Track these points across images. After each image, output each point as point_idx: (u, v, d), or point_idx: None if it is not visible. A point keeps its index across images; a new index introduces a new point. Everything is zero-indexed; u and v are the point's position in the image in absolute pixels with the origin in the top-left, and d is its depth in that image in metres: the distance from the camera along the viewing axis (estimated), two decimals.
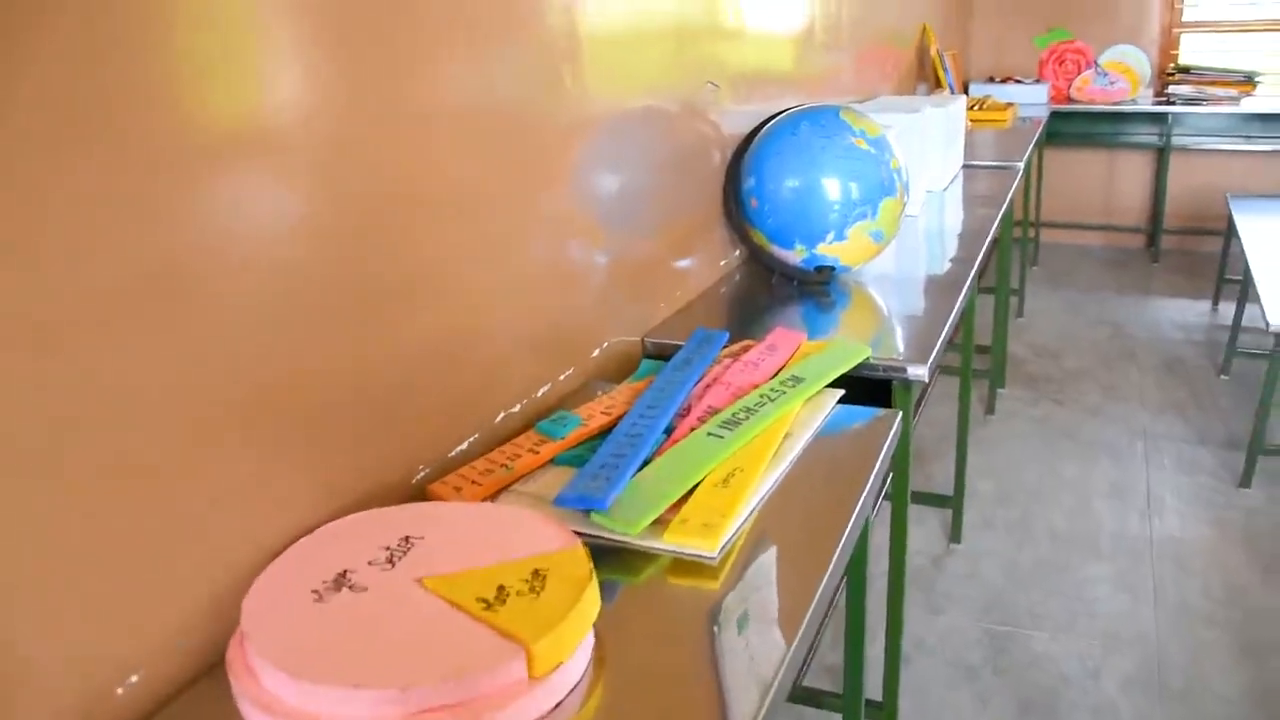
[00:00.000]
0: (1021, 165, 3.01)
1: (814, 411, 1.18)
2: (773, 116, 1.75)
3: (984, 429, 3.03)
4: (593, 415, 1.16)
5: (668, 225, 1.61)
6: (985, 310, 3.49)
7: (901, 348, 1.43)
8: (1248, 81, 4.66)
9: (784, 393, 1.17)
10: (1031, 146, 3.37)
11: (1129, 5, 4.91)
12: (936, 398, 3.24)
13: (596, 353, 1.39)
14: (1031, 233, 4.84)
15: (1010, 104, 4.26)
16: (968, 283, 1.75)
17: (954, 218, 2.28)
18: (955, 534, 2.41)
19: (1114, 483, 2.66)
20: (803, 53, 2.31)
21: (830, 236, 1.63)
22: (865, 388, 1.40)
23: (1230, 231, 3.74)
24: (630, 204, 1.47)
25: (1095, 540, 2.41)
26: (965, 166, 2.96)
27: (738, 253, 1.85)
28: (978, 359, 3.38)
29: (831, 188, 1.60)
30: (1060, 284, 4.52)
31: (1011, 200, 2.84)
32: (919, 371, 1.36)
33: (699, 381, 1.24)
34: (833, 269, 1.69)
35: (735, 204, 1.74)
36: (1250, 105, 4.56)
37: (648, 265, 1.54)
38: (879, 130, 1.65)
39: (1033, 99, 4.71)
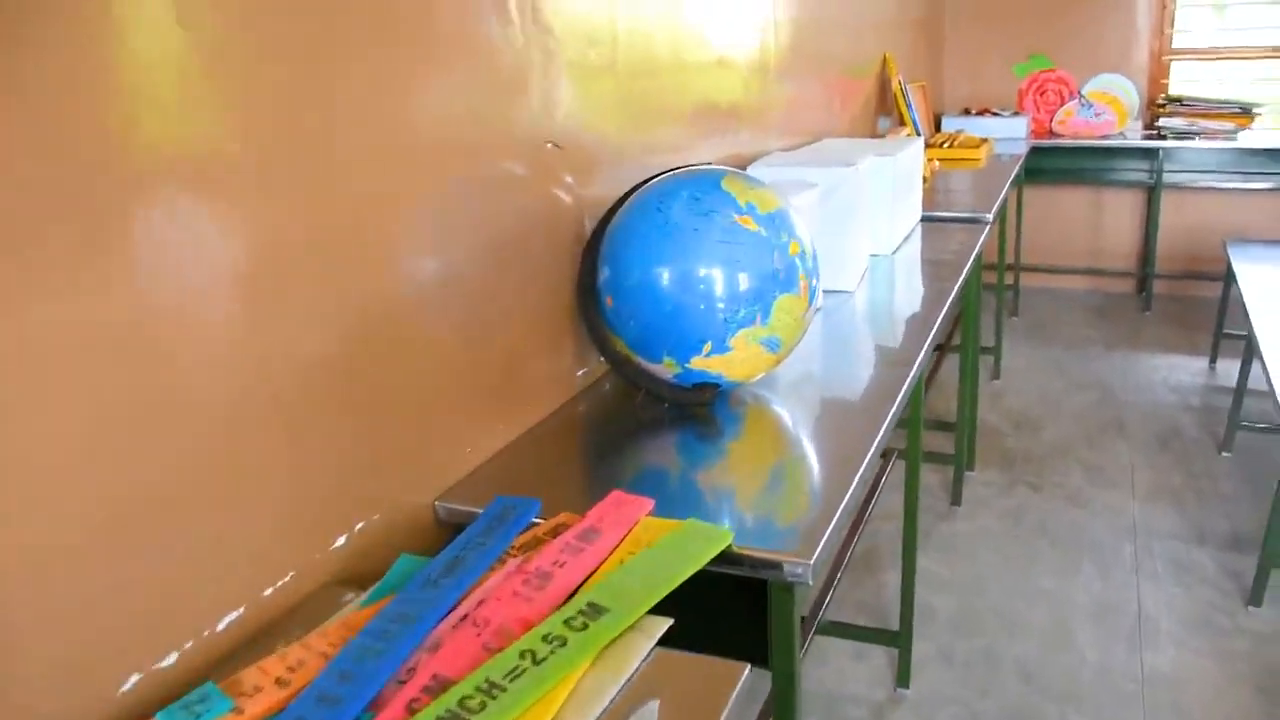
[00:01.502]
0: (991, 216, 2.62)
1: (613, 666, 0.77)
2: (641, 185, 1.35)
3: (947, 524, 2.62)
4: (261, 688, 0.75)
5: (493, 330, 1.21)
6: (952, 373, 3.09)
7: (793, 520, 1.02)
8: (1245, 114, 4.30)
9: (563, 643, 0.76)
10: (1005, 191, 2.98)
11: (1115, 31, 4.55)
12: (895, 483, 2.83)
13: (341, 541, 0.98)
14: (1010, 278, 4.45)
15: (985, 140, 3.89)
16: (899, 398, 1.34)
17: (903, 291, 1.88)
18: (903, 676, 2.00)
19: (1098, 599, 2.25)
20: (728, 87, 1.92)
21: (707, 348, 1.23)
22: (735, 584, 1.00)
23: (1229, 280, 3.36)
24: (435, 301, 1.07)
25: (1075, 680, 2.00)
26: (926, 219, 2.57)
27: (602, 358, 1.45)
28: (941, 437, 2.99)
29: (706, 283, 1.20)
30: (1042, 338, 4.13)
31: (978, 261, 2.45)
32: (797, 570, 0.95)
33: (454, 607, 0.83)
34: (716, 387, 1.29)
35: (591, 300, 1.34)
36: (1248, 139, 4.20)
37: (455, 388, 1.13)
38: (775, 203, 1.25)
39: (1011, 133, 4.34)
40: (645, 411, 1.34)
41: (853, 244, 1.82)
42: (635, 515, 1.01)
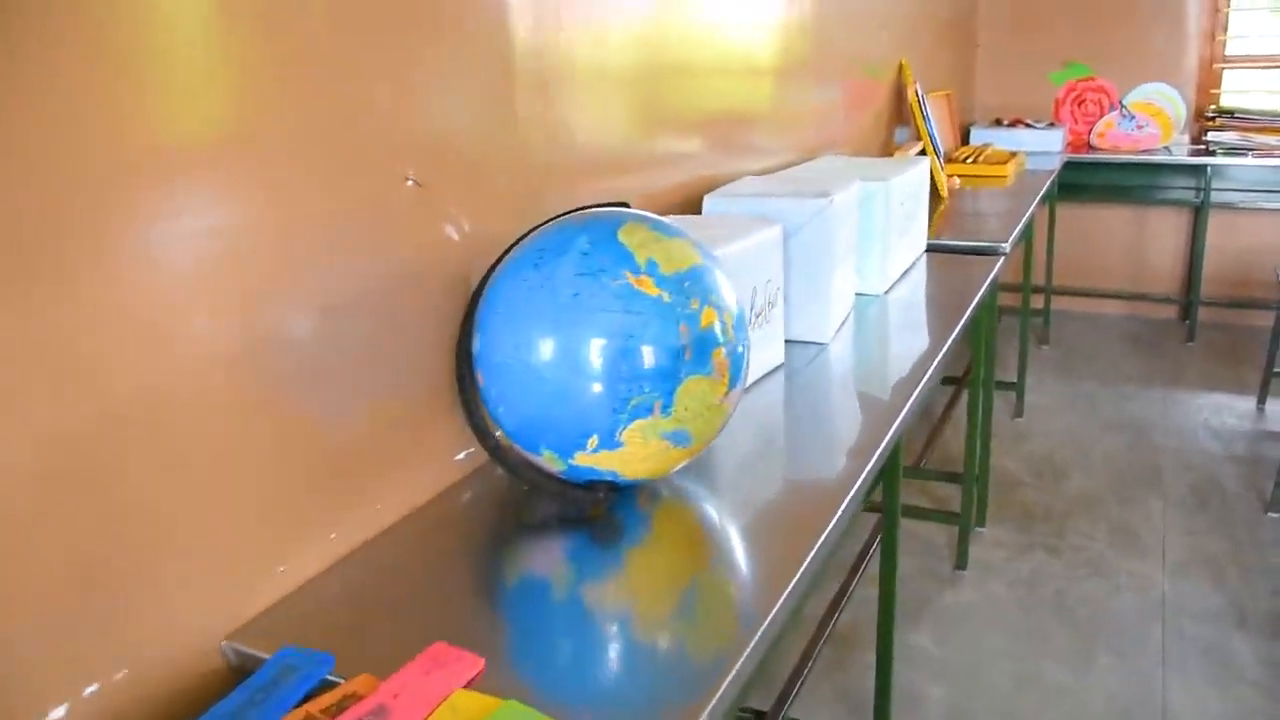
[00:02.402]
0: (1009, 245, 2.34)
1: None
2: (534, 229, 1.09)
3: (950, 592, 2.33)
4: None
5: (334, 409, 0.97)
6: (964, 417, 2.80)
7: (702, 654, 0.76)
8: None
9: None
10: (1030, 214, 2.70)
11: (1161, 36, 4.21)
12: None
13: (58, 714, 0.73)
14: (1039, 303, 4.13)
15: (1014, 154, 3.59)
16: (858, 483, 1.08)
17: (892, 341, 1.61)
18: None
19: (1116, 699, 1.96)
20: (709, 95, 1.66)
21: (592, 442, 0.97)
22: None
23: None
24: (234, 380, 0.82)
25: None
26: (933, 248, 2.29)
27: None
28: (949, 489, 2.70)
29: (588, 363, 0.94)
30: (1073, 371, 3.81)
31: (992, 297, 2.16)
32: None
33: None
34: (612, 486, 1.03)
35: (469, 372, 1.08)
36: None
37: (261, 490, 0.88)
38: (688, 260, 0.99)
39: (1045, 146, 4.04)
40: (531, 508, 1.08)
41: (829, 287, 1.55)
42: (449, 685, 0.76)
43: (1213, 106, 4.17)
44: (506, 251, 1.08)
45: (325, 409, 0.96)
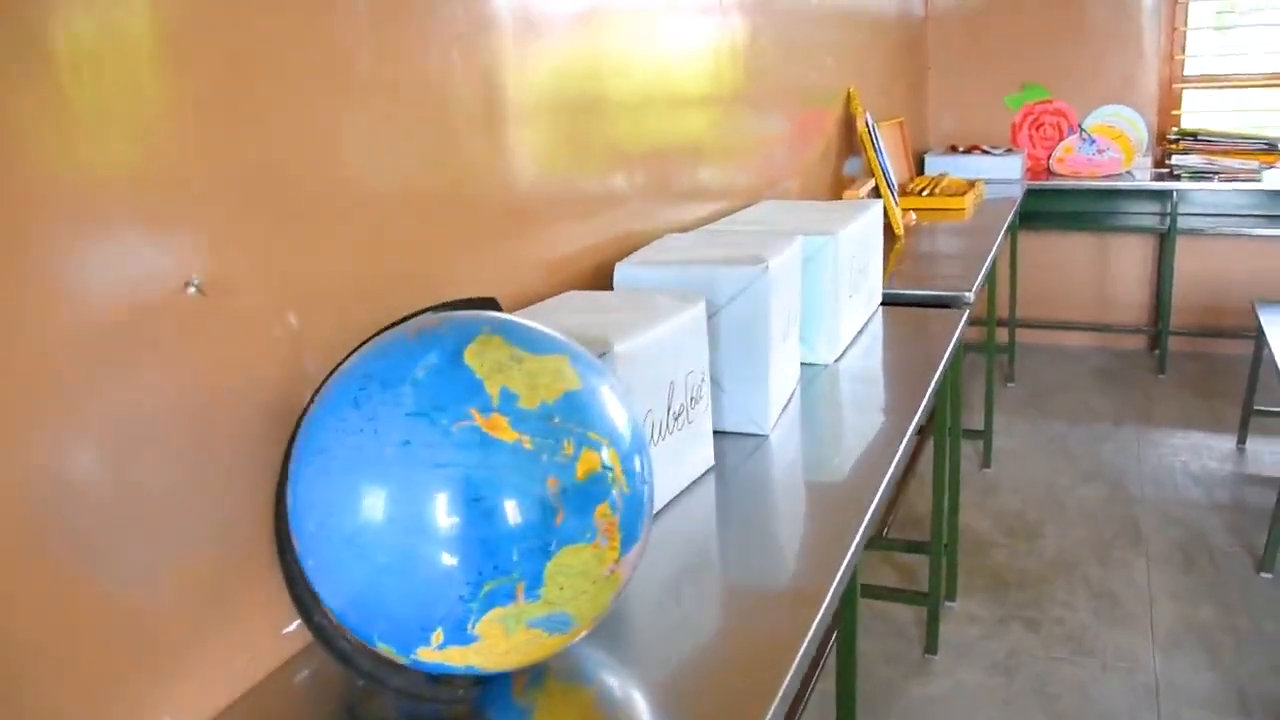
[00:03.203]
0: (973, 293, 2.13)
1: None
2: (364, 344, 0.85)
3: (919, 683, 2.10)
4: None
5: (130, 569, 0.72)
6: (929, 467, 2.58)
7: None
8: (1270, 150, 3.81)
9: None
10: (994, 254, 2.49)
11: (1119, 56, 4.08)
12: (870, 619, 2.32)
13: None
14: (1004, 336, 3.95)
15: (973, 182, 3.42)
16: (796, 658, 0.84)
17: (844, 425, 1.38)
18: None
19: None
20: (625, 135, 1.43)
21: (437, 637, 0.73)
22: None
23: (1260, 345, 2.87)
24: (33, 513, 0.57)
25: None
26: (889, 300, 2.07)
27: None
28: (912, 559, 2.48)
29: (423, 538, 0.70)
30: (1041, 409, 3.62)
31: (956, 360, 1.94)
32: None
33: None
34: (473, 680, 0.79)
35: (288, 536, 0.83)
36: (1274, 180, 3.70)
37: (54, 659, 0.63)
38: (563, 385, 0.76)
39: (1004, 173, 3.86)
40: (370, 708, 0.83)
41: (767, 369, 1.32)
42: None
43: (1175, 129, 4.03)
44: (332, 372, 0.84)
45: (116, 569, 0.72)
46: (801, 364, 1.64)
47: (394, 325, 0.87)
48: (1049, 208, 4.09)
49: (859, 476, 1.23)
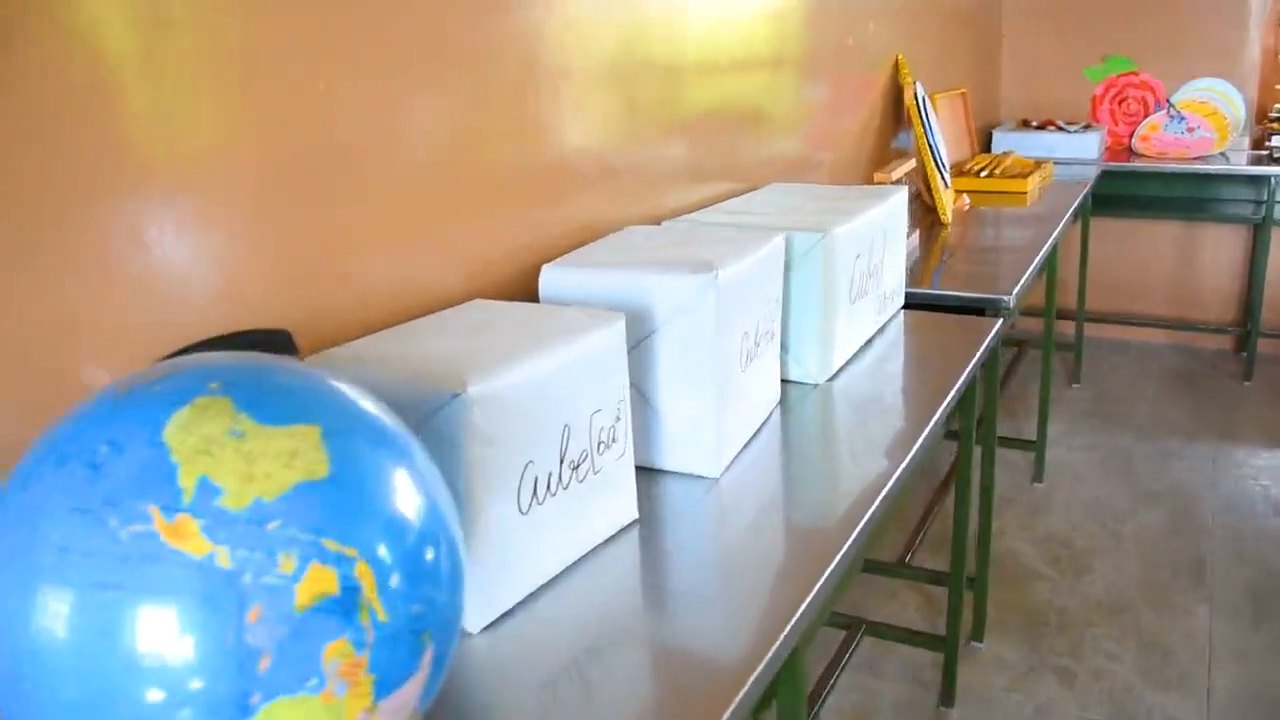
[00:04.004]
0: (1013, 298, 1.86)
1: None
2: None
3: None
4: None
5: None
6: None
7: None
8: None
9: None
10: (1043, 254, 2.20)
11: (1216, 24, 3.68)
12: (880, 659, 2.09)
13: None
14: (1068, 331, 3.62)
15: (1040, 163, 3.10)
16: None
17: (818, 468, 1.14)
18: None
19: None
20: (600, 107, 1.20)
21: None
22: None
23: None
24: None
25: None
26: (912, 302, 1.81)
27: None
28: (932, 593, 2.22)
29: (66, 681, 0.49)
30: (1107, 418, 3.30)
31: (986, 382, 1.66)
32: None
33: None
34: None
35: None
36: None
37: None
38: (290, 475, 0.54)
39: (1079, 152, 3.52)
40: None
41: (717, 397, 1.08)
42: None
43: (1277, 106, 3.62)
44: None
45: None
46: (789, 382, 1.40)
47: (173, 356, 0.67)
48: (1128, 191, 3.72)
49: (821, 535, 1.00)
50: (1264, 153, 3.54)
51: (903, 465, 1.16)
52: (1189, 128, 3.55)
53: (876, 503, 1.08)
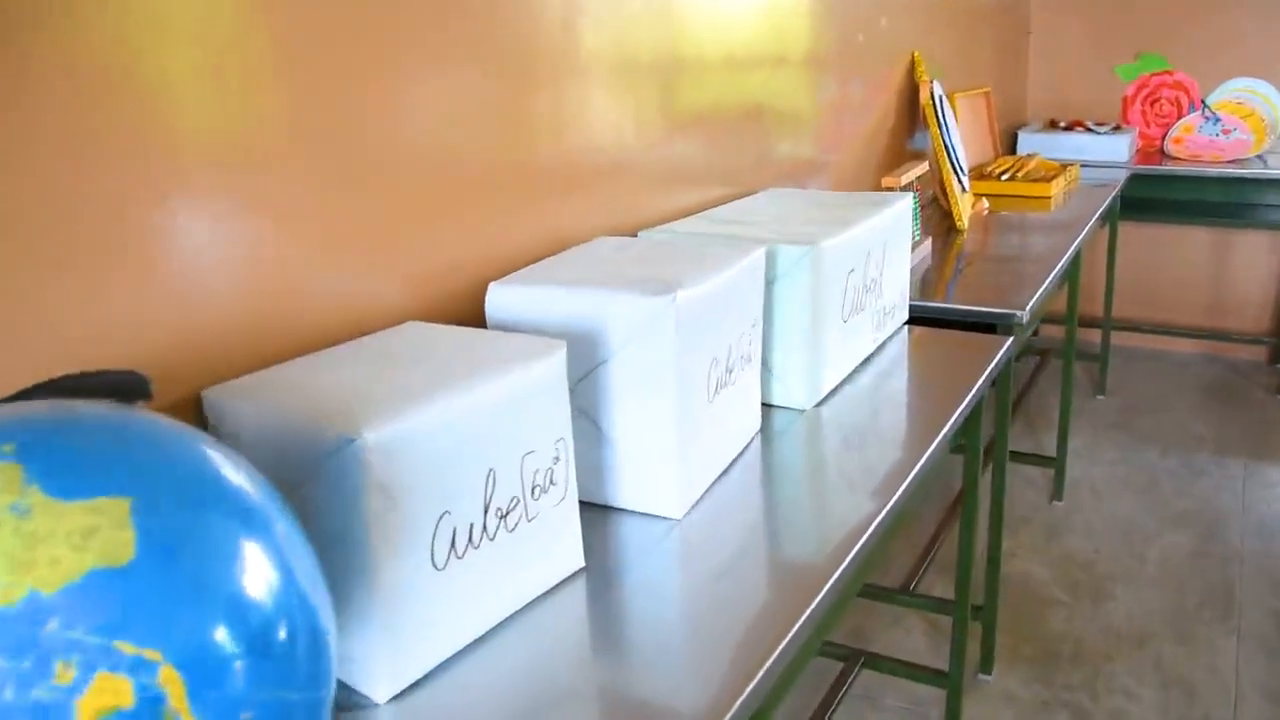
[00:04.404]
0: (1027, 313, 1.75)
1: None
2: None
3: None
4: None
5: None
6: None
7: None
8: None
9: None
10: (1063, 265, 2.08)
11: (1253, 20, 3.52)
12: (861, 696, 1.98)
13: None
14: (1095, 339, 3.48)
15: (1066, 166, 2.97)
16: None
17: (797, 507, 1.03)
18: None
19: None
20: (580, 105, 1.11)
21: None
22: None
23: None
24: None
25: None
26: (918, 317, 1.70)
27: None
28: (939, 618, 2.12)
29: None
30: (1134, 431, 3.16)
31: (999, 396, 1.53)
32: None
33: None
34: None
35: None
36: None
37: None
38: (78, 565, 0.45)
39: (1109, 155, 3.38)
40: None
41: (677, 431, 0.98)
42: None
43: None
44: None
45: None
46: (773, 407, 1.30)
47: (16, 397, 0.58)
48: (1160, 194, 3.57)
49: (796, 580, 0.90)
50: None
51: (890, 504, 1.05)
52: (1224, 130, 3.40)
53: (858, 546, 0.98)
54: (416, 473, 0.72)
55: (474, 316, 1.12)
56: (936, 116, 2.43)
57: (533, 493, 0.84)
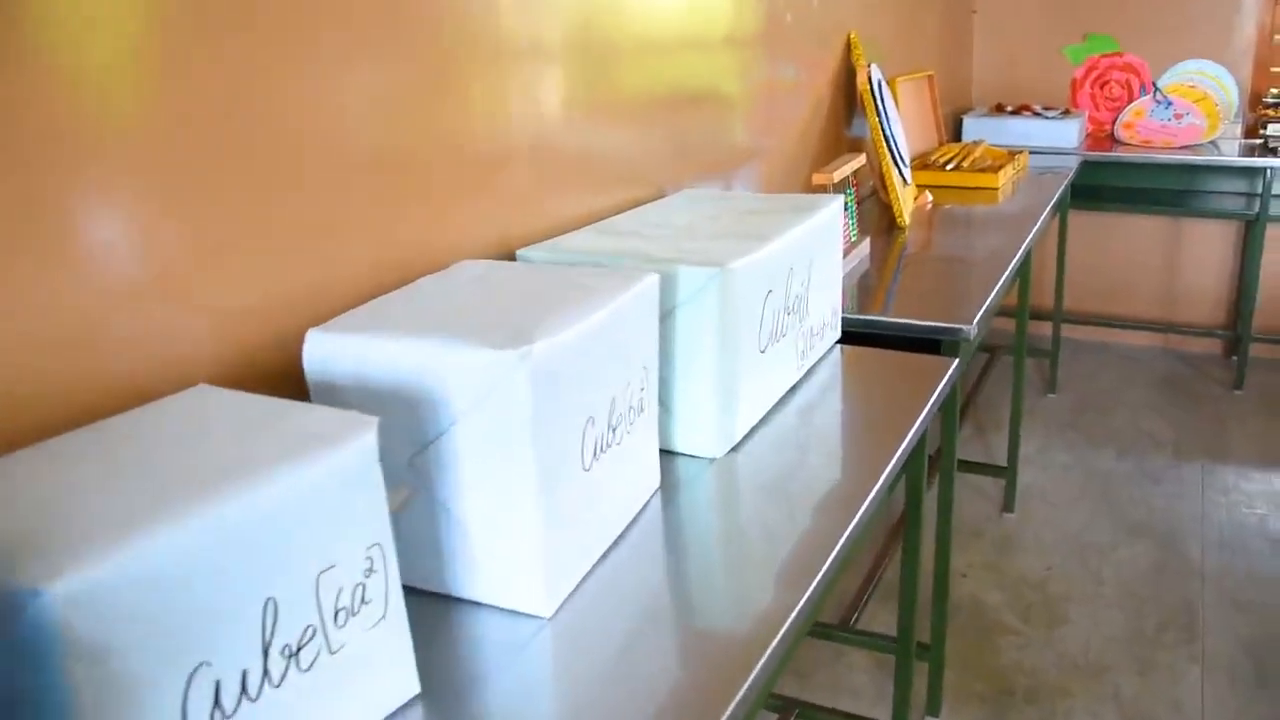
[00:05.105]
0: (973, 328, 1.59)
1: None
2: None
3: None
4: None
5: None
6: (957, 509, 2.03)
7: None
8: None
9: None
10: (1012, 269, 1.92)
11: (1206, 1, 3.41)
12: None
13: None
14: (1044, 332, 3.36)
15: (1014, 154, 2.83)
16: None
17: (694, 583, 0.85)
18: None
19: None
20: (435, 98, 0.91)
21: None
22: None
23: None
24: None
25: None
26: (852, 334, 1.53)
27: None
28: (878, 657, 1.97)
29: None
30: (1086, 432, 3.04)
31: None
32: None
33: None
34: None
35: None
36: None
37: None
38: None
39: (1057, 140, 3.26)
40: None
41: (538, 513, 0.80)
42: None
43: (1273, 90, 3.36)
44: None
45: None
46: (676, 455, 1.12)
47: None
48: (1110, 182, 3.47)
49: (696, 684, 0.73)
50: (1258, 142, 3.28)
51: (816, 579, 0.88)
52: (1176, 114, 3.29)
53: (775, 643, 0.81)
54: (138, 627, 0.53)
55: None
56: (875, 104, 2.26)
57: (336, 618, 0.65)
